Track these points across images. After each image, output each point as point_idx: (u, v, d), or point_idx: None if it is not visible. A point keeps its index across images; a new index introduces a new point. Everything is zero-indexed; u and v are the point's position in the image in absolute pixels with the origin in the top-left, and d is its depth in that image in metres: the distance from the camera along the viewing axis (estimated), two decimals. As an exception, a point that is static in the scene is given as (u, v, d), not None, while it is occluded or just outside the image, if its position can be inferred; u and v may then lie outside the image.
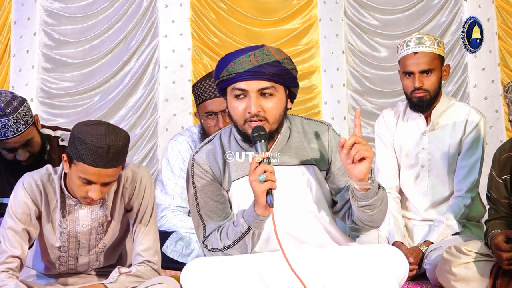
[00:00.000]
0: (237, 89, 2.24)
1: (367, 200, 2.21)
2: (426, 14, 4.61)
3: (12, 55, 4.54)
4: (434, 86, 3.29)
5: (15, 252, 2.40)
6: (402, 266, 2.21)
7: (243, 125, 2.26)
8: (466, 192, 3.33)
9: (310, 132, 2.39)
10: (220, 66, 2.29)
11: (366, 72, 4.59)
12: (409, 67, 3.27)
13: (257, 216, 2.19)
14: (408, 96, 3.33)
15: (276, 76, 2.24)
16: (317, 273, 2.19)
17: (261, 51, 2.24)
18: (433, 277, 3.09)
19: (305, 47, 4.62)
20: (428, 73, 3.27)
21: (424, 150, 3.38)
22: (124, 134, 2.32)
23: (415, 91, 3.28)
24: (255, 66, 2.22)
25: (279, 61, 2.25)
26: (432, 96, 3.30)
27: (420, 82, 3.26)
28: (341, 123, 4.58)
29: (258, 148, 2.17)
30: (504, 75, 4.52)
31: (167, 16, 4.58)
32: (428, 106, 3.32)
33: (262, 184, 2.11)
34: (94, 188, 2.32)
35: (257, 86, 2.23)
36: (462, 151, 3.35)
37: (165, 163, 3.54)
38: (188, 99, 4.54)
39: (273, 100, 2.25)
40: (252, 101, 2.22)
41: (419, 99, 3.29)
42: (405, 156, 3.43)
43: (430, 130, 3.37)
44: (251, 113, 2.22)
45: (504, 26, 4.51)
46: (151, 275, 2.48)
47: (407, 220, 3.47)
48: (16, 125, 2.97)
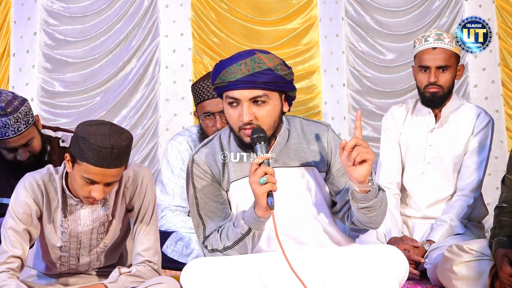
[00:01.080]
0: (230, 97, 2.24)
1: (367, 202, 2.21)
2: (427, 14, 4.60)
3: (12, 54, 4.54)
4: (448, 83, 3.31)
5: (16, 252, 2.41)
6: (402, 266, 2.21)
7: (238, 132, 2.27)
8: (470, 191, 3.33)
9: (309, 133, 2.38)
10: (214, 72, 2.29)
11: (366, 72, 4.59)
12: (426, 62, 3.28)
13: (258, 218, 2.19)
14: (421, 91, 3.34)
15: (268, 84, 2.23)
16: (317, 274, 2.19)
17: (252, 59, 2.23)
18: (434, 276, 3.09)
19: (305, 47, 4.62)
20: (444, 70, 3.29)
21: (431, 147, 3.38)
22: (128, 134, 2.32)
23: (429, 86, 3.30)
24: (246, 75, 2.21)
25: (271, 69, 2.23)
26: (445, 92, 3.31)
27: (435, 77, 3.27)
28: (341, 123, 4.58)
29: (258, 150, 2.18)
30: (505, 75, 4.52)
31: (168, 16, 4.58)
32: (440, 103, 3.34)
33: (262, 186, 2.11)
34: (97, 188, 2.32)
35: (249, 94, 2.22)
36: (468, 151, 3.36)
37: (165, 163, 3.55)
38: (189, 99, 4.54)
39: (266, 108, 2.24)
40: (244, 110, 2.21)
41: (432, 94, 3.30)
42: (411, 152, 3.43)
43: (439, 128, 3.38)
44: (243, 122, 2.22)
45: (504, 26, 4.51)
46: (151, 275, 2.48)
47: (407, 218, 3.47)
48: (17, 125, 2.97)
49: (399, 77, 4.58)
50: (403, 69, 4.57)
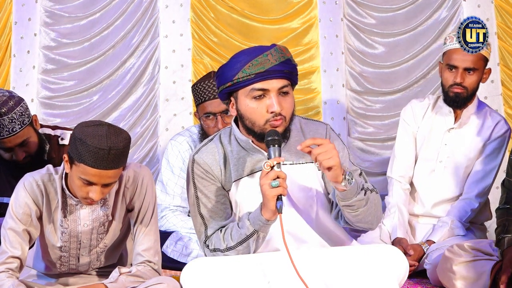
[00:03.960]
0: (257, 89, 2.22)
1: (347, 200, 2.20)
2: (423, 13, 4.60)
3: (12, 55, 4.53)
4: (474, 85, 3.29)
5: (15, 252, 2.41)
6: (402, 266, 2.21)
7: (263, 126, 2.24)
8: (476, 196, 3.32)
9: (308, 131, 2.38)
10: (230, 69, 2.25)
11: (366, 72, 4.59)
12: (455, 61, 3.26)
13: (264, 220, 2.19)
14: (445, 90, 3.33)
15: (290, 74, 2.25)
16: (317, 273, 2.19)
17: (275, 50, 2.24)
18: (434, 277, 3.09)
19: (305, 47, 4.62)
20: (471, 72, 3.27)
21: (446, 146, 3.37)
22: (125, 135, 2.32)
23: (454, 86, 3.28)
24: (274, 65, 2.21)
25: (290, 59, 2.27)
26: (469, 94, 3.30)
27: (462, 78, 3.26)
28: (341, 123, 4.57)
29: (271, 152, 2.17)
30: (504, 75, 4.51)
31: (168, 16, 4.58)
32: (463, 104, 3.32)
33: (273, 189, 2.10)
34: (95, 189, 2.32)
35: (277, 85, 2.22)
36: (482, 156, 3.35)
37: (165, 163, 3.55)
38: (189, 99, 4.54)
39: (289, 99, 2.26)
40: (274, 100, 2.21)
41: (456, 94, 3.29)
42: (426, 149, 3.42)
43: (457, 128, 3.37)
44: (275, 112, 2.21)
45: (503, 26, 4.51)
46: (151, 275, 2.49)
47: (411, 217, 3.46)
48: (11, 125, 2.96)
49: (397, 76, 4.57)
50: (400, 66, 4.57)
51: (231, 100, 2.32)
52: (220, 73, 2.31)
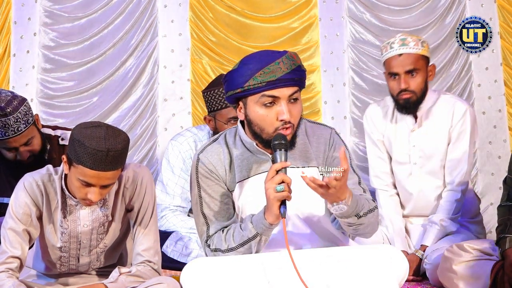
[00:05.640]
0: (268, 96, 2.21)
1: (339, 217, 2.23)
2: (430, 14, 4.59)
3: (12, 55, 4.54)
4: (420, 86, 3.27)
5: (15, 252, 2.40)
6: (402, 266, 2.21)
7: (272, 133, 2.24)
8: (457, 185, 3.30)
9: (313, 135, 2.38)
10: (240, 75, 2.24)
11: (366, 72, 4.59)
12: (394, 68, 3.26)
13: (268, 224, 2.19)
14: (395, 98, 3.31)
15: (300, 81, 2.26)
16: (317, 273, 2.19)
17: (287, 57, 2.24)
18: (434, 277, 3.09)
19: (305, 46, 4.62)
20: (413, 74, 3.25)
21: (415, 147, 3.36)
22: (124, 137, 2.31)
23: (401, 93, 3.27)
24: (285, 73, 2.21)
25: (300, 66, 2.27)
26: (419, 97, 3.28)
27: (405, 83, 3.24)
28: (342, 123, 4.57)
29: (277, 156, 2.17)
30: (507, 75, 4.51)
31: (166, 16, 4.58)
32: (415, 107, 3.31)
33: (278, 193, 2.11)
34: (93, 190, 2.32)
35: (288, 92, 2.22)
36: (450, 144, 3.34)
37: (165, 163, 3.55)
38: (187, 99, 4.55)
39: (298, 105, 2.27)
40: (284, 108, 2.21)
41: (406, 100, 3.28)
42: (396, 153, 3.41)
43: (418, 127, 3.35)
44: (284, 120, 2.21)
45: (506, 25, 4.51)
46: (151, 275, 2.48)
47: (404, 218, 3.45)
48: (17, 125, 2.97)
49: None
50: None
51: (239, 104, 2.31)
52: (229, 78, 2.30)
